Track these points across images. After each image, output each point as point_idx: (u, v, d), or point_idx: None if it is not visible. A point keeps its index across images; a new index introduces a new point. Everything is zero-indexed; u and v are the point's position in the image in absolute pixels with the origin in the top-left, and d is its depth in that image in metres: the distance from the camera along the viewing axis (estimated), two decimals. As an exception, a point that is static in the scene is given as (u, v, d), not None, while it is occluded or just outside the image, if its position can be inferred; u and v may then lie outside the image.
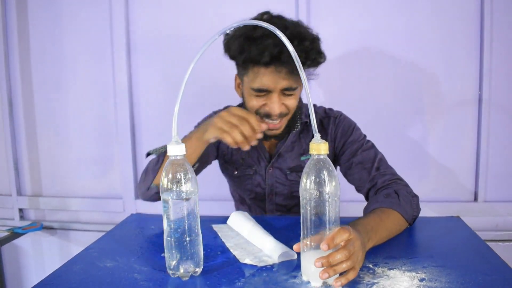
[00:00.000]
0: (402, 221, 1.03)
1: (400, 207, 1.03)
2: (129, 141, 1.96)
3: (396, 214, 1.02)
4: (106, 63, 1.95)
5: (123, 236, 1.09)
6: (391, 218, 1.01)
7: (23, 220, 2.11)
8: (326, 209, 0.73)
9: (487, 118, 1.74)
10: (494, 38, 1.70)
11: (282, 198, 1.34)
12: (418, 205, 1.10)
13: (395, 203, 1.04)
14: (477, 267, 0.82)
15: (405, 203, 1.05)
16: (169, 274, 0.81)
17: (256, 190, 1.35)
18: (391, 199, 1.05)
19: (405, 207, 1.04)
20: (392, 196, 1.07)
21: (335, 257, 0.72)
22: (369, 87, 1.81)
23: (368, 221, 0.94)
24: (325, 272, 0.71)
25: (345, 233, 0.74)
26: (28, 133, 2.07)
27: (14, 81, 2.03)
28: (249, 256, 0.90)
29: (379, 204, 1.05)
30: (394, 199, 1.05)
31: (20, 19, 1.98)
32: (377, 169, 1.18)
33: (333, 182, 0.73)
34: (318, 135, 0.74)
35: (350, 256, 0.74)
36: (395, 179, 1.15)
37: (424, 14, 1.74)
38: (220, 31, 0.80)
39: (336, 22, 1.79)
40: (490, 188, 1.79)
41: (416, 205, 1.09)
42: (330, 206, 0.73)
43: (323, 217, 0.73)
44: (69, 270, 0.88)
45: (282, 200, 1.34)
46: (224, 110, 1.07)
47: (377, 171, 1.18)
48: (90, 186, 2.06)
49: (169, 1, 1.88)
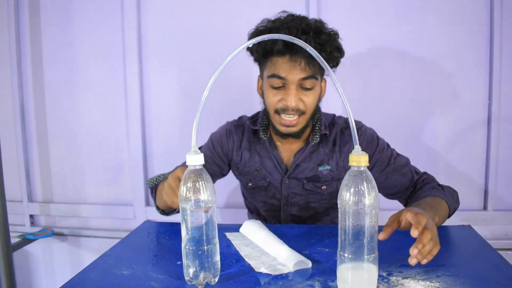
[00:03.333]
0: (447, 210, 1.10)
1: (447, 197, 1.11)
2: (140, 148, 1.97)
3: (444, 203, 1.09)
4: (117, 69, 1.97)
5: (138, 243, 1.10)
6: (441, 204, 1.08)
7: (34, 226, 2.13)
8: (366, 221, 0.72)
9: (497, 127, 1.74)
10: (504, 39, 1.70)
11: (298, 209, 1.33)
12: (458, 199, 1.17)
13: (442, 193, 1.12)
14: (491, 276, 0.83)
15: (449, 194, 1.13)
16: (186, 281, 0.82)
17: (271, 201, 1.34)
18: (437, 191, 1.13)
19: (449, 198, 1.11)
20: (437, 189, 1.14)
21: (426, 247, 0.82)
22: (379, 86, 1.81)
23: (425, 202, 1.04)
24: (413, 258, 0.81)
25: (428, 234, 0.83)
26: (39, 140, 2.09)
27: (26, 88, 2.05)
28: (264, 264, 0.91)
29: (427, 193, 1.12)
30: (440, 191, 1.13)
31: (32, 27, 2.01)
32: (416, 173, 1.24)
33: (373, 194, 0.72)
34: (359, 147, 0.73)
35: (434, 238, 0.85)
36: (431, 177, 1.24)
37: (435, 14, 1.75)
38: (244, 46, 0.80)
39: (347, 23, 1.80)
40: (499, 197, 1.79)
41: (457, 198, 1.17)
42: (370, 218, 0.72)
43: (362, 229, 0.73)
44: (86, 277, 0.89)
45: (297, 211, 1.33)
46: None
47: (416, 174, 1.24)
48: (101, 193, 2.08)
49: (181, 5, 1.89)
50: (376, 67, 1.80)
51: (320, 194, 1.30)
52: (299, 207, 1.33)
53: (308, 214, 1.34)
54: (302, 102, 1.15)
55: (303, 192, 1.30)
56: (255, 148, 1.32)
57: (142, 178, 1.98)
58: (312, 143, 1.26)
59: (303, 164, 1.28)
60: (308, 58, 1.09)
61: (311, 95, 1.15)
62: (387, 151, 1.25)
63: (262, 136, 1.29)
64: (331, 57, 1.12)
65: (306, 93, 1.15)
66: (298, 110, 1.15)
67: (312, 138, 1.26)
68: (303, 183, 1.29)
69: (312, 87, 1.14)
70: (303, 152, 1.27)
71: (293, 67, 1.11)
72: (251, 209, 1.44)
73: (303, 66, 1.11)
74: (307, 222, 1.35)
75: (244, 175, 1.35)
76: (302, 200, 1.32)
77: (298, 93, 1.13)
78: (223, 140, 1.33)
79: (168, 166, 1.40)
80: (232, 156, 1.34)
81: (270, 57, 1.15)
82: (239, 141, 1.33)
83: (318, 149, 1.28)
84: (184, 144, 1.56)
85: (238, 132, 1.34)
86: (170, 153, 1.96)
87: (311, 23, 1.13)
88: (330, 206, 1.35)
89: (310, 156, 1.28)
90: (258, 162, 1.31)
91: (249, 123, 1.33)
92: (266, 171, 1.31)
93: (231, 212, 1.86)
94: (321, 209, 1.34)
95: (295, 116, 1.16)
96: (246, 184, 1.35)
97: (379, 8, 1.78)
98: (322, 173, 1.27)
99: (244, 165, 1.33)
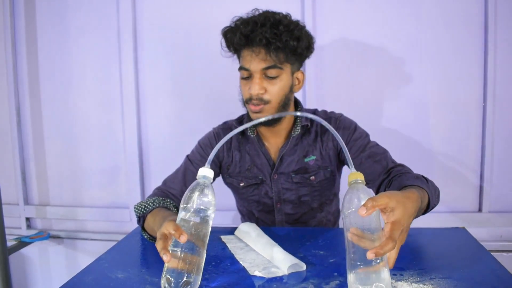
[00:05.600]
0: (426, 205, 1.03)
1: (430, 191, 1.03)
2: (136, 151, 1.97)
3: (426, 197, 1.02)
4: (113, 73, 1.97)
5: (133, 247, 1.11)
6: (424, 198, 1.00)
7: (30, 229, 2.12)
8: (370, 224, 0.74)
9: (491, 129, 1.75)
10: (498, 39, 1.72)
11: (291, 206, 1.34)
12: (439, 196, 1.11)
13: (425, 186, 1.03)
14: (484, 279, 0.83)
15: (433, 189, 1.07)
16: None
17: (264, 200, 1.35)
18: (421, 182, 1.04)
19: (432, 193, 1.04)
20: (421, 180, 1.06)
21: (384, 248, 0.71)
22: (374, 88, 1.82)
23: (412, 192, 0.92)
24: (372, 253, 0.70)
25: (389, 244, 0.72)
26: (35, 143, 2.09)
27: (22, 91, 2.06)
28: (259, 267, 0.91)
29: (411, 182, 1.04)
30: (424, 183, 1.04)
31: (28, 30, 2.02)
32: (391, 161, 1.22)
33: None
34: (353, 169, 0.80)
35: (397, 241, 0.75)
36: (408, 169, 1.18)
37: (429, 15, 1.76)
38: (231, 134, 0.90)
39: (342, 24, 1.81)
40: (494, 198, 1.79)
41: (438, 196, 1.10)
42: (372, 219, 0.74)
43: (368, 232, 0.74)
44: (81, 281, 0.89)
45: (291, 208, 1.34)
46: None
47: (391, 163, 1.21)
48: (97, 196, 2.08)
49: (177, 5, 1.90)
50: (371, 68, 1.81)
51: (310, 186, 1.32)
52: (292, 204, 1.34)
53: (302, 211, 1.35)
54: (266, 92, 1.18)
55: (293, 186, 1.32)
56: (244, 148, 1.34)
57: (138, 181, 1.98)
58: (294, 135, 1.29)
59: (288, 158, 1.30)
60: (267, 48, 1.14)
61: (275, 84, 1.18)
62: (364, 139, 1.27)
63: (250, 134, 1.32)
64: (287, 45, 1.14)
65: (271, 81, 1.18)
66: (262, 100, 1.18)
67: (294, 130, 1.29)
68: (292, 176, 1.31)
69: (276, 76, 1.18)
70: (286, 146, 1.30)
71: (254, 57, 1.16)
72: (244, 212, 1.44)
73: (263, 56, 1.15)
74: (301, 220, 1.36)
75: (235, 176, 1.35)
76: (294, 195, 1.33)
77: (261, 82, 1.17)
78: (212, 143, 1.34)
79: (164, 168, 1.40)
80: (223, 158, 1.36)
81: (240, 51, 1.22)
82: (228, 142, 1.35)
83: (301, 142, 1.31)
84: (180, 146, 1.57)
85: (226, 134, 1.35)
86: (166, 156, 1.96)
87: (270, 16, 1.16)
88: (323, 200, 1.36)
89: (294, 148, 1.30)
90: (249, 161, 1.33)
91: (235, 124, 1.37)
92: (257, 168, 1.33)
93: (225, 214, 1.86)
94: (314, 204, 1.35)
95: (259, 105, 1.19)
96: (238, 184, 1.36)
97: (374, 9, 1.79)
98: (309, 164, 1.30)
99: (235, 165, 1.35)
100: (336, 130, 1.26)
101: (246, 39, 1.16)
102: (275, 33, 1.13)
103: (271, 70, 1.16)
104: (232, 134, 0.90)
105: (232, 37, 1.19)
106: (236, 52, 1.25)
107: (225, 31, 1.23)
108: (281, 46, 1.14)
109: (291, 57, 1.18)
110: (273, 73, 1.17)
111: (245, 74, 1.20)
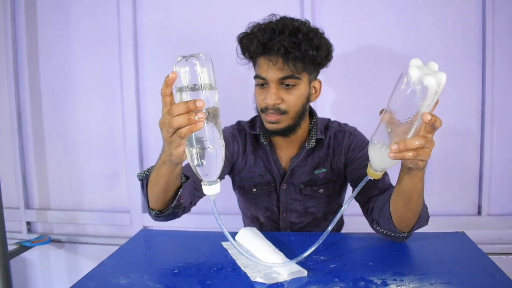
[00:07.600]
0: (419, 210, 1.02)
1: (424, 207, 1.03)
2: (136, 154, 1.98)
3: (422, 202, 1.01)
4: (114, 77, 1.98)
5: (134, 252, 1.11)
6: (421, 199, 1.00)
7: (31, 233, 2.13)
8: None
9: (490, 132, 1.76)
10: (496, 42, 1.72)
11: (296, 216, 1.34)
12: (428, 220, 1.08)
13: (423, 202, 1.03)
14: (484, 284, 0.84)
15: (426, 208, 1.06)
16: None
17: (273, 208, 1.34)
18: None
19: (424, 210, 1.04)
20: None
21: (414, 142, 0.78)
22: (372, 86, 1.82)
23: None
24: (395, 144, 0.77)
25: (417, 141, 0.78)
26: (36, 147, 2.10)
27: (23, 95, 2.06)
28: (260, 273, 0.92)
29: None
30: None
31: (28, 32, 2.02)
32: (388, 184, 1.17)
33: None
34: None
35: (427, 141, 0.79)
36: None
37: (428, 15, 1.77)
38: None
39: (341, 21, 1.82)
40: (493, 201, 1.80)
41: (428, 218, 1.08)
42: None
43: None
44: (84, 287, 0.90)
45: (296, 217, 1.34)
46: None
47: (387, 185, 1.17)
48: (98, 200, 2.08)
49: (177, 2, 1.91)
50: (369, 67, 1.82)
51: (318, 198, 1.31)
52: (298, 213, 1.33)
53: (307, 221, 1.35)
54: (283, 101, 1.15)
55: (301, 197, 1.31)
56: (257, 153, 1.32)
57: (138, 185, 1.98)
58: (308, 147, 1.27)
59: (299, 169, 1.29)
60: (285, 58, 1.11)
61: (293, 94, 1.15)
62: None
63: (263, 141, 1.29)
64: (306, 55, 1.11)
65: (288, 91, 1.15)
66: (278, 110, 1.15)
67: (308, 142, 1.27)
68: (301, 188, 1.30)
69: (293, 85, 1.15)
70: (298, 157, 1.28)
71: (271, 66, 1.13)
72: (248, 215, 1.42)
73: (280, 66, 1.12)
74: (305, 229, 1.36)
75: (247, 180, 1.33)
76: (301, 205, 1.32)
77: (278, 92, 1.14)
78: (228, 142, 1.31)
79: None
80: (237, 160, 1.33)
81: (256, 59, 1.18)
82: (244, 145, 1.33)
83: (313, 153, 1.29)
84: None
85: (241, 136, 1.34)
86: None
87: (288, 24, 1.13)
88: (328, 210, 1.35)
89: (305, 160, 1.29)
90: (263, 168, 1.31)
91: (248, 128, 1.33)
92: (270, 176, 1.31)
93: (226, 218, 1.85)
94: (319, 214, 1.34)
95: (275, 114, 1.16)
96: (250, 190, 1.34)
97: (373, 8, 1.80)
98: (318, 176, 1.28)
99: (249, 170, 1.33)
100: (349, 144, 1.28)
101: (263, 47, 1.12)
102: (294, 41, 1.10)
103: (288, 80, 1.13)
104: None
105: (248, 44, 1.15)
106: (251, 59, 1.21)
107: (241, 37, 1.19)
108: (300, 56, 1.10)
109: (309, 67, 1.15)
110: (290, 82, 1.14)
111: (261, 82, 1.17)
